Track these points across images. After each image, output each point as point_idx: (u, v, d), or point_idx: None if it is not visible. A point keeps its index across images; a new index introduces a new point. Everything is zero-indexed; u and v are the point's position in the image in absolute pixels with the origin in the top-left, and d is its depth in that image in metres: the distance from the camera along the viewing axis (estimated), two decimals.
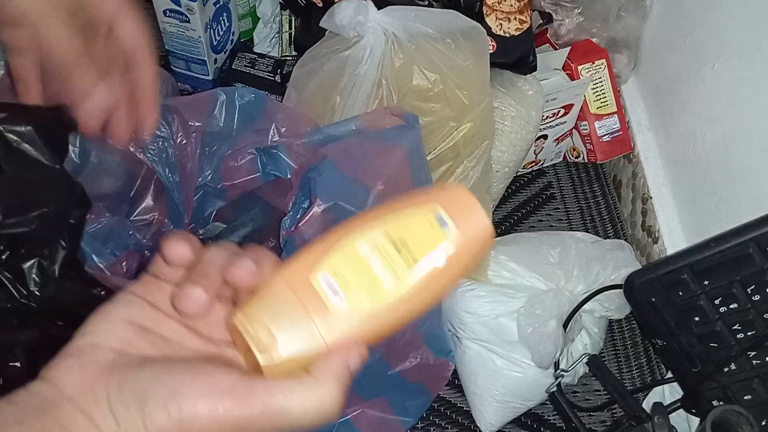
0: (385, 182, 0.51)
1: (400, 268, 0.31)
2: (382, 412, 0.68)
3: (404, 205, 0.33)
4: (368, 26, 0.65)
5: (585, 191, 0.95)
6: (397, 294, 0.31)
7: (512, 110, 0.78)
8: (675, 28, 0.84)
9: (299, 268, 0.31)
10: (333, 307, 0.30)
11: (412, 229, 0.32)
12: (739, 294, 0.56)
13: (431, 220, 0.32)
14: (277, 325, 0.29)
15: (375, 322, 0.31)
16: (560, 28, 0.87)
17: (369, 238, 0.31)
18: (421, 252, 0.32)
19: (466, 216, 0.33)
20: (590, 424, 0.76)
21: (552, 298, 0.72)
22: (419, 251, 0.32)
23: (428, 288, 0.32)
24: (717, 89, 0.76)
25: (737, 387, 0.59)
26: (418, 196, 0.33)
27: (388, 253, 0.31)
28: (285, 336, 0.29)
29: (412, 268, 0.31)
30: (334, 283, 0.30)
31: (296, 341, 0.29)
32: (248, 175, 0.63)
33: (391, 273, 0.31)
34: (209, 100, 0.59)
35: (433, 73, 0.66)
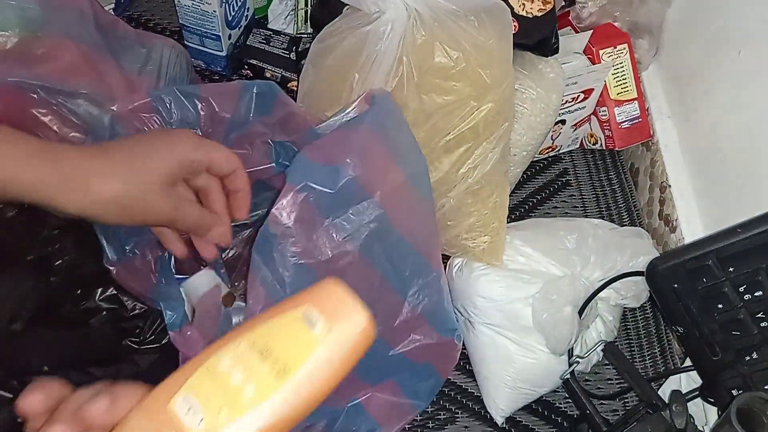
0: (355, 156, 0.52)
1: (264, 378, 0.30)
2: (392, 395, 0.68)
3: (274, 312, 0.32)
4: (390, 1, 0.64)
5: (601, 178, 0.94)
6: (260, 406, 0.29)
7: (532, 92, 0.77)
8: (699, 14, 0.82)
9: (159, 394, 0.30)
10: (192, 428, 0.29)
11: (279, 336, 0.31)
12: (764, 281, 0.55)
13: (299, 322, 0.31)
14: None
15: None
16: (582, 11, 0.85)
17: (232, 351, 0.30)
18: (288, 358, 0.30)
19: (339, 311, 0.31)
20: (602, 412, 0.76)
21: (568, 284, 0.71)
22: (285, 357, 0.30)
23: (300, 394, 0.30)
24: (741, 77, 0.74)
25: (758, 376, 0.59)
26: (288, 301, 0.32)
27: (251, 364, 0.30)
28: None
29: (278, 377, 0.30)
30: (194, 403, 0.29)
31: None
32: (261, 165, 0.63)
33: (255, 383, 0.30)
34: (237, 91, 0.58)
35: (455, 50, 0.65)
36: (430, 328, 0.61)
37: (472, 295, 0.73)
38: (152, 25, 0.97)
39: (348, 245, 0.51)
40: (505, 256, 0.74)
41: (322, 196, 0.50)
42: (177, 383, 0.30)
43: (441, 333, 0.63)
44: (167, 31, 0.97)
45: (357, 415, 0.66)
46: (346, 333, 0.31)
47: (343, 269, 0.52)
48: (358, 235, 0.52)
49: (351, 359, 0.32)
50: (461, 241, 0.74)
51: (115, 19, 0.69)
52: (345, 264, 0.52)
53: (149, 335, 0.61)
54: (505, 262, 0.74)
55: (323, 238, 0.50)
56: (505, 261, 0.74)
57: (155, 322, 0.60)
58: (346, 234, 0.51)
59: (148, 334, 0.61)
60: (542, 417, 0.77)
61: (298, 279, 0.49)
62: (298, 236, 0.48)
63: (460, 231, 0.74)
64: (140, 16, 0.98)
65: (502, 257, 0.74)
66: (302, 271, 0.49)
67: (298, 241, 0.49)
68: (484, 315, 0.73)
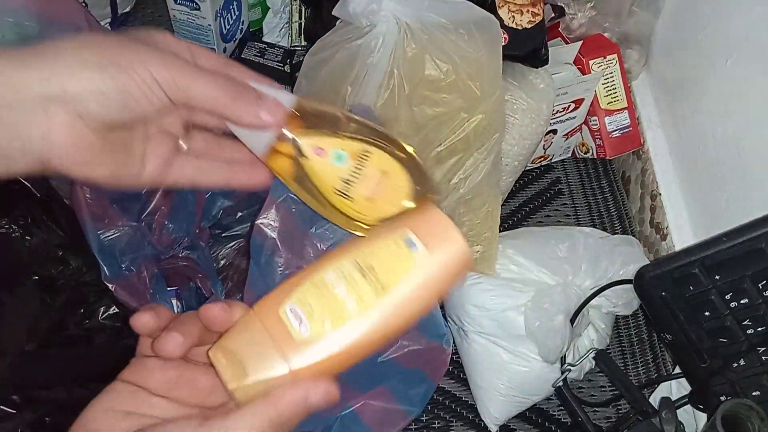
0: None
1: (366, 292, 0.32)
2: (385, 402, 0.68)
3: (377, 232, 0.34)
4: (381, 15, 0.65)
5: (593, 187, 0.95)
6: (361, 318, 0.32)
7: (523, 103, 0.78)
8: (687, 25, 0.84)
9: (270, 301, 0.33)
10: (297, 335, 0.31)
11: (380, 255, 0.33)
12: (750, 289, 0.56)
13: (399, 243, 0.33)
14: (245, 355, 0.31)
15: (339, 345, 0.32)
16: (572, 22, 0.86)
17: (337, 266, 0.33)
18: (388, 276, 0.32)
19: (439, 237, 0.33)
20: (595, 419, 0.76)
21: (560, 293, 0.72)
22: (386, 275, 0.32)
23: (397, 311, 0.33)
24: (729, 86, 0.75)
25: (746, 383, 0.59)
26: (391, 222, 0.34)
27: (354, 279, 0.32)
28: (251, 364, 0.31)
29: (377, 292, 0.32)
30: (300, 313, 0.32)
31: (261, 369, 0.31)
32: None
33: (356, 298, 0.32)
34: None
35: (445, 63, 0.66)
36: (419, 334, 0.62)
37: (465, 304, 0.74)
38: None
39: None
40: (497, 265, 0.75)
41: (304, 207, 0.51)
42: (285, 293, 0.32)
43: (430, 338, 0.64)
44: None
45: (351, 423, 0.66)
46: (443, 257, 0.33)
47: None
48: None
49: (446, 282, 0.34)
50: None
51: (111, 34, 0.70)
52: None
53: None
54: (498, 271, 0.74)
55: (308, 248, 0.51)
56: (497, 270, 0.74)
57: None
58: (330, 243, 0.52)
59: None
60: (536, 425, 0.77)
61: None
62: (283, 247, 0.49)
63: None
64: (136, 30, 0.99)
65: (494, 266, 0.74)
66: None
67: (284, 252, 0.49)
68: (477, 324, 0.73)
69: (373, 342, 0.32)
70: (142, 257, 0.57)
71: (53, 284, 0.59)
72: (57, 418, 0.58)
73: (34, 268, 0.57)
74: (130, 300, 0.55)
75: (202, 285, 0.60)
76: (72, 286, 0.59)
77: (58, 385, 0.58)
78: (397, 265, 0.32)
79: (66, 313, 0.59)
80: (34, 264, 0.57)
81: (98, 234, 0.53)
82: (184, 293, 0.60)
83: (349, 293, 0.32)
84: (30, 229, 0.55)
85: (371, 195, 0.35)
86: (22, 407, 0.56)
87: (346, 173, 0.34)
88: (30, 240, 0.56)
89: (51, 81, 0.30)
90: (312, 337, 0.31)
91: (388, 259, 0.33)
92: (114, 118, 0.31)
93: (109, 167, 0.33)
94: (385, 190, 0.35)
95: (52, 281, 0.58)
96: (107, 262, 0.54)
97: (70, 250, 0.58)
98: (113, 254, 0.55)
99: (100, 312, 0.60)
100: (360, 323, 0.32)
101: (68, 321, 0.60)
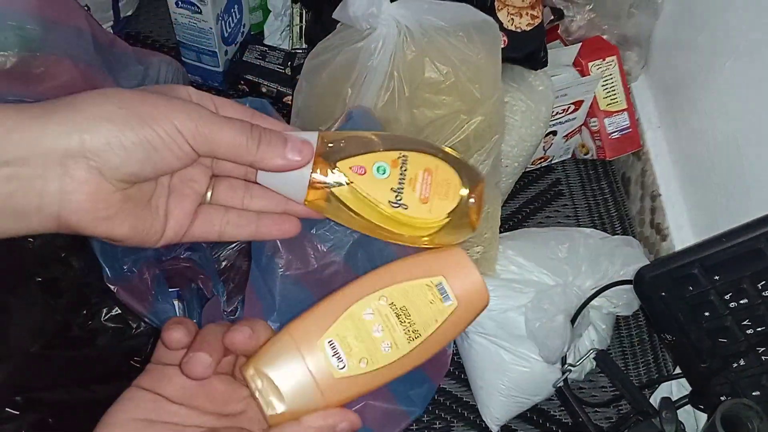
0: None
1: (400, 338, 0.34)
2: (386, 403, 0.68)
3: (409, 272, 0.35)
4: (381, 18, 0.65)
5: (593, 188, 0.95)
6: (393, 362, 0.34)
7: (522, 105, 0.78)
8: (686, 26, 0.84)
9: (309, 328, 0.34)
10: (336, 372, 0.33)
11: (415, 300, 0.35)
12: (749, 289, 0.56)
13: (434, 292, 0.35)
14: (284, 385, 0.33)
15: (370, 383, 0.34)
16: (571, 25, 0.87)
17: (372, 303, 0.35)
18: (421, 325, 0.35)
19: (468, 288, 0.35)
20: (596, 420, 0.76)
21: (560, 294, 0.72)
22: (419, 324, 0.35)
23: (422, 352, 0.35)
24: (728, 87, 0.75)
25: (745, 383, 0.59)
26: (422, 263, 0.36)
27: (390, 323, 0.34)
28: (290, 395, 0.33)
29: (410, 339, 0.34)
30: (340, 350, 0.34)
31: (299, 401, 0.33)
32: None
33: (391, 342, 0.34)
34: None
35: (445, 66, 0.66)
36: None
37: None
38: (150, 42, 0.99)
39: (333, 255, 0.53)
40: (498, 265, 0.75)
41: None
42: (324, 323, 0.34)
43: None
44: (164, 48, 0.98)
45: None
46: (472, 309, 0.36)
47: (328, 278, 0.53)
48: (342, 244, 0.53)
49: (466, 326, 0.36)
50: None
51: (113, 37, 0.71)
52: (331, 273, 0.53)
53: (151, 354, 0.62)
54: (498, 271, 0.75)
55: (308, 249, 0.51)
56: (497, 271, 0.75)
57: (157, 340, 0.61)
58: (331, 244, 0.52)
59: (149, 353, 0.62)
60: (537, 425, 0.77)
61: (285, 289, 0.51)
62: (283, 248, 0.50)
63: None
64: (138, 33, 1.00)
65: (495, 267, 0.75)
66: (289, 282, 0.50)
67: (284, 253, 0.50)
68: (478, 324, 0.74)
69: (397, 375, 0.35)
70: (144, 259, 0.57)
71: (56, 286, 0.59)
72: (59, 420, 0.58)
73: (37, 270, 0.57)
74: (132, 301, 0.56)
75: (203, 286, 0.60)
76: (75, 288, 0.60)
77: (60, 387, 0.58)
78: (430, 313, 0.35)
79: (69, 315, 0.60)
80: (37, 266, 0.57)
81: None
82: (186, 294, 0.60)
83: (384, 336, 0.34)
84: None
85: (424, 196, 0.35)
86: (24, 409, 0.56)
87: (393, 183, 0.35)
88: (33, 242, 0.56)
89: (71, 135, 0.28)
90: (348, 374, 0.33)
91: (421, 305, 0.35)
92: (136, 172, 0.30)
93: (129, 224, 0.32)
94: (435, 186, 0.35)
95: (56, 283, 0.58)
96: (109, 264, 0.54)
97: (72, 252, 0.58)
98: (115, 256, 0.55)
99: (103, 313, 0.61)
100: (392, 367, 0.34)
101: (71, 323, 0.60)
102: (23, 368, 0.55)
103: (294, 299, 0.51)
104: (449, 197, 0.35)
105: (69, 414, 0.59)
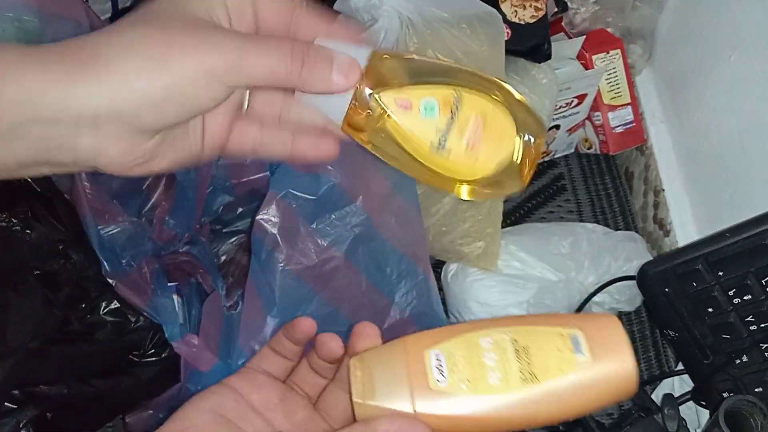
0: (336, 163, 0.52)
1: (512, 373, 0.31)
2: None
3: (546, 320, 0.32)
4: (383, 10, 0.64)
5: (596, 183, 0.94)
6: (498, 395, 0.31)
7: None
8: (691, 19, 0.83)
9: (421, 339, 0.33)
10: (433, 382, 0.31)
11: (541, 343, 0.31)
12: (753, 285, 0.56)
13: (565, 341, 0.31)
14: (380, 379, 0.31)
15: (466, 410, 0.31)
16: (575, 17, 0.86)
17: (495, 335, 0.32)
18: (541, 367, 0.31)
19: (609, 348, 0.31)
20: (597, 416, 0.76)
21: (562, 289, 0.71)
22: (539, 366, 0.31)
23: (539, 405, 0.31)
24: (733, 81, 0.75)
25: (749, 379, 0.59)
26: (563, 318, 0.33)
27: (506, 356, 0.31)
28: (381, 390, 0.31)
29: (524, 378, 0.31)
30: (444, 363, 0.31)
31: (388, 398, 0.31)
32: (256, 174, 0.64)
33: (501, 374, 0.31)
34: None
35: (447, 58, 0.65)
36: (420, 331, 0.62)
37: (467, 301, 0.74)
38: None
39: (333, 250, 0.52)
40: (500, 261, 0.74)
41: (305, 202, 0.51)
42: (437, 338, 0.33)
43: None
44: None
45: None
46: (611, 375, 0.31)
47: (329, 273, 0.53)
48: (343, 239, 0.53)
49: (602, 399, 0.31)
50: (456, 246, 0.74)
51: None
52: (331, 268, 0.53)
53: (150, 348, 0.62)
54: (500, 267, 0.74)
55: (308, 243, 0.51)
56: (500, 266, 0.74)
57: (156, 335, 0.61)
58: (331, 239, 0.52)
59: (148, 347, 0.62)
60: None
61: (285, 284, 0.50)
62: (283, 243, 0.49)
63: (455, 236, 0.74)
64: None
65: (496, 262, 0.74)
66: (289, 277, 0.50)
67: (284, 248, 0.49)
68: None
69: (499, 424, 0.31)
70: (143, 253, 0.57)
71: (55, 279, 0.58)
72: (58, 415, 0.58)
73: (36, 263, 0.57)
74: (131, 295, 0.55)
75: (203, 280, 0.59)
76: (74, 281, 0.59)
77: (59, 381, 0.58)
78: (554, 360, 0.31)
79: (69, 309, 0.59)
80: (35, 259, 0.56)
81: (98, 229, 0.53)
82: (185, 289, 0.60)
83: (496, 366, 0.31)
84: (30, 223, 0.55)
85: (472, 142, 0.31)
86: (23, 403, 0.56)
87: (441, 123, 0.31)
88: (30, 234, 0.56)
89: (100, 96, 0.27)
90: (446, 390, 0.31)
91: (547, 351, 0.31)
92: (171, 122, 0.29)
93: (168, 159, 0.31)
94: (487, 133, 0.31)
95: (54, 276, 0.58)
96: (108, 258, 0.54)
97: (71, 245, 0.57)
98: (114, 250, 0.55)
99: (102, 307, 0.60)
100: (495, 399, 0.31)
101: (70, 317, 0.60)
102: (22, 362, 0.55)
103: (294, 294, 0.51)
104: (501, 147, 0.32)
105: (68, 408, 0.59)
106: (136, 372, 0.62)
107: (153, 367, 0.62)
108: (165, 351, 0.61)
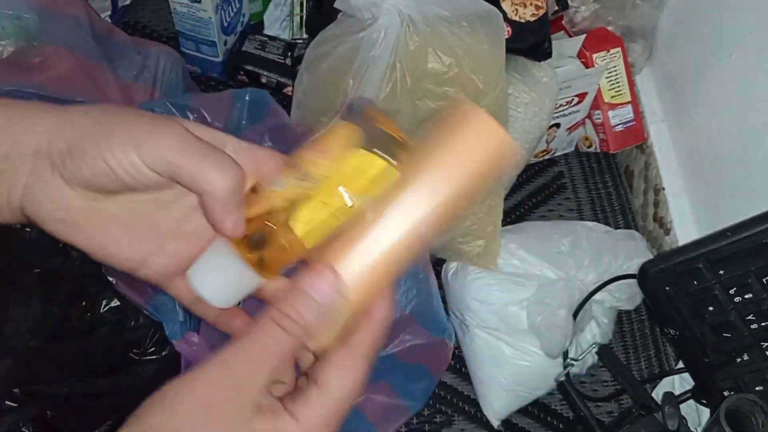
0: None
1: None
2: (386, 396, 0.68)
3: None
4: (383, 8, 0.64)
5: (596, 181, 0.94)
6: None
7: (526, 97, 0.77)
8: (691, 18, 0.83)
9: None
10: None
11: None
12: (754, 284, 0.56)
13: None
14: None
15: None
16: (575, 16, 0.86)
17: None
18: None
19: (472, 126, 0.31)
20: (598, 414, 0.76)
21: (562, 288, 0.71)
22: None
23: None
24: (733, 80, 0.75)
25: (749, 378, 0.59)
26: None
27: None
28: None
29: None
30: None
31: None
32: None
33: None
34: (229, 100, 0.59)
35: (448, 56, 0.65)
36: (421, 329, 0.62)
37: (467, 299, 0.74)
38: (148, 32, 0.98)
39: None
40: (499, 259, 0.74)
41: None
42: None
43: (432, 333, 0.64)
44: (163, 38, 0.97)
45: (353, 418, 0.65)
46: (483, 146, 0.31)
47: None
48: None
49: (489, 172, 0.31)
50: (456, 244, 0.74)
51: (111, 26, 0.70)
52: None
53: (150, 346, 0.62)
54: (500, 265, 0.74)
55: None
56: (499, 264, 0.74)
57: (156, 333, 0.61)
58: None
59: (148, 345, 0.62)
60: (538, 419, 0.77)
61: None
62: None
63: (455, 235, 0.74)
64: (136, 22, 0.99)
65: (496, 261, 0.74)
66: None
67: None
68: (480, 318, 0.73)
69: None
70: None
71: (55, 276, 0.58)
72: (58, 413, 0.58)
73: (36, 261, 0.57)
74: (131, 293, 0.55)
75: None
76: (74, 279, 0.59)
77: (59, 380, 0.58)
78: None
79: (69, 307, 0.59)
80: (34, 256, 0.56)
81: None
82: None
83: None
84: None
85: (319, 156, 0.32)
86: (23, 401, 0.56)
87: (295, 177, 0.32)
88: (29, 231, 0.56)
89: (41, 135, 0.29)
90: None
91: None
92: (94, 183, 0.30)
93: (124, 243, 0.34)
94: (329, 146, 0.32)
95: (54, 273, 0.58)
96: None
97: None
98: None
99: (102, 305, 0.60)
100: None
101: (70, 315, 0.59)
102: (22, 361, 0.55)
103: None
104: (349, 145, 0.32)
105: (68, 406, 0.59)
106: (136, 370, 0.61)
107: (153, 365, 0.62)
108: (165, 349, 0.61)
